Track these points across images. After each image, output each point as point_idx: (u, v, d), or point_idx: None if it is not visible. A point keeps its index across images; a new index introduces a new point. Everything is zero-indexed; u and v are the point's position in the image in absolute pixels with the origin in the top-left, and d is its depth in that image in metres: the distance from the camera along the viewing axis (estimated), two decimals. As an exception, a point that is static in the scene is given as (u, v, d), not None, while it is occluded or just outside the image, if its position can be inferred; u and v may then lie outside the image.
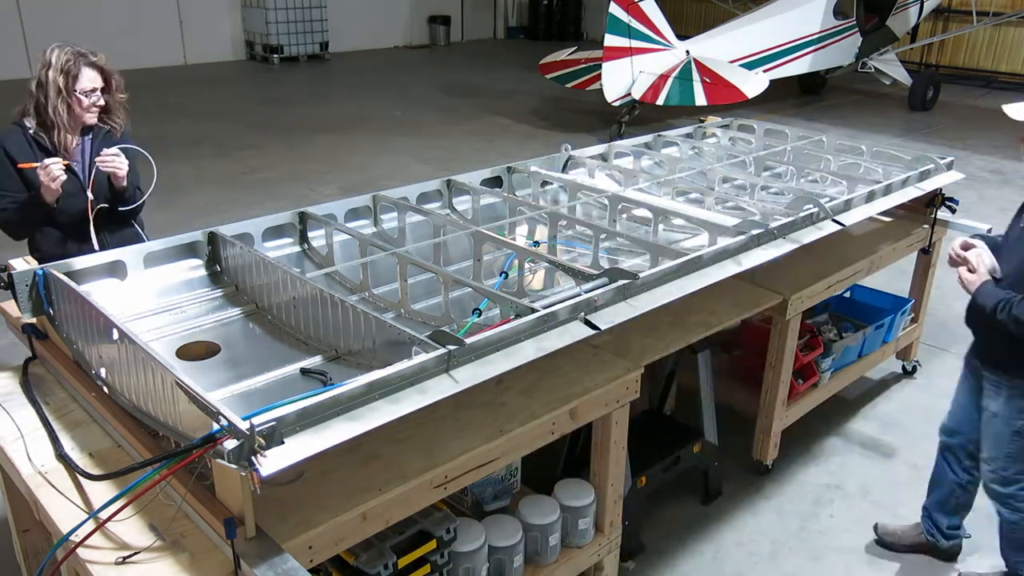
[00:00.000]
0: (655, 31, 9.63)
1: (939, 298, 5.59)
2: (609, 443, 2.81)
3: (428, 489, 2.24)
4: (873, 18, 11.76)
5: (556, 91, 11.93)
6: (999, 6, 14.18)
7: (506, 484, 2.85)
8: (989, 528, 3.32)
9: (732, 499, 3.78)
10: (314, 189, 8.04)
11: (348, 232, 3.13)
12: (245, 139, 9.80)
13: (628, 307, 2.60)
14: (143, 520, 1.97)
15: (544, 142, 9.76)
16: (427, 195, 3.66)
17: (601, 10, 12.35)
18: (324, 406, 1.87)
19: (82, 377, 2.44)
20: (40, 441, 2.26)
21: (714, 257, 2.95)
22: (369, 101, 12.28)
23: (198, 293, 2.86)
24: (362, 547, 2.26)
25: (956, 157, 4.67)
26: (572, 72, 10.81)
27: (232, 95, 12.59)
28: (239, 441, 1.70)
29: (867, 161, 4.48)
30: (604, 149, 4.52)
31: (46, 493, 2.07)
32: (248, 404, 2.14)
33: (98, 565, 1.85)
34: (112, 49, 3.98)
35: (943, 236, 4.56)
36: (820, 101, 13.09)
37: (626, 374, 2.75)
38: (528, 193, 4.01)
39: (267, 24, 14.79)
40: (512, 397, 2.57)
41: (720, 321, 3.28)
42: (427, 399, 2.03)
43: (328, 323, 2.46)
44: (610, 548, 2.99)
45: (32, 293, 2.56)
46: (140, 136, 3.45)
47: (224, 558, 1.87)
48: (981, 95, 13.99)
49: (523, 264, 3.01)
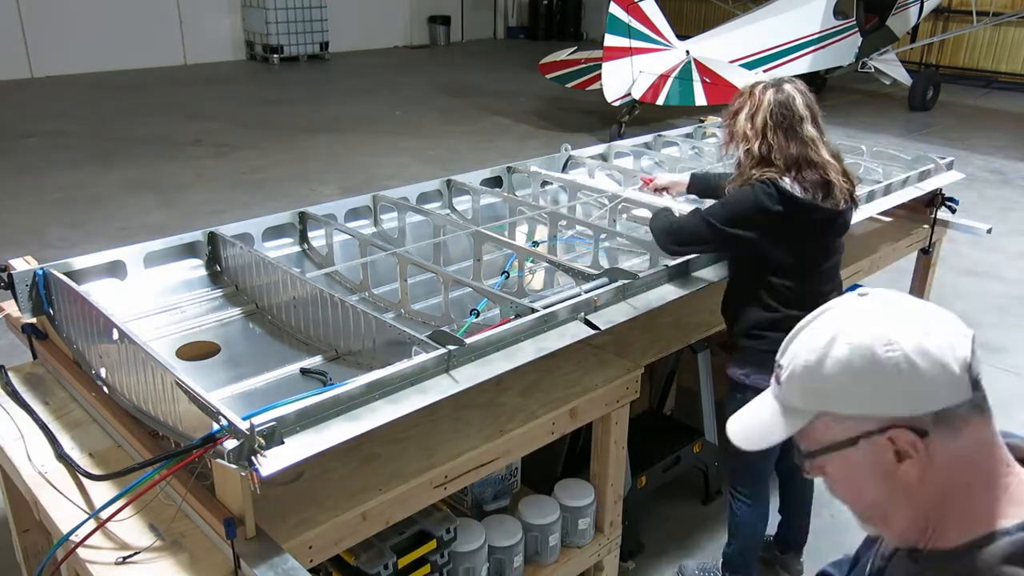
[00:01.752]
0: (655, 31, 9.62)
1: (939, 298, 5.59)
2: (609, 443, 2.81)
3: (428, 489, 2.24)
4: (873, 18, 11.76)
5: (556, 91, 11.93)
6: (999, 6, 14.18)
7: (506, 484, 2.85)
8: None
9: (732, 499, 3.78)
10: (314, 189, 8.03)
11: (348, 232, 3.13)
12: (245, 139, 9.80)
13: (628, 307, 2.60)
14: (143, 520, 1.97)
15: (544, 142, 9.76)
16: (427, 195, 3.66)
17: (601, 10, 12.35)
18: (324, 406, 1.87)
19: (82, 377, 2.44)
20: (40, 441, 2.26)
21: (714, 257, 2.95)
22: (369, 101, 12.28)
23: (198, 293, 2.86)
24: (362, 547, 2.26)
25: (956, 157, 4.67)
26: (572, 72, 10.80)
27: (232, 95, 12.58)
28: (239, 441, 1.70)
29: (867, 161, 4.47)
30: (604, 149, 4.52)
31: (46, 493, 2.06)
32: (248, 404, 2.14)
33: (98, 565, 1.85)
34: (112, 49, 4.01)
35: (943, 236, 4.56)
36: (820, 101, 12.93)
37: (626, 374, 2.75)
38: (528, 193, 4.01)
39: (267, 24, 14.78)
40: (512, 397, 2.57)
41: (720, 321, 3.27)
42: (427, 399, 2.03)
43: (328, 323, 2.46)
44: (610, 548, 2.99)
45: (32, 293, 2.56)
46: (141, 136, 3.45)
47: (224, 558, 1.87)
48: (981, 95, 14.00)
49: (523, 264, 3.01)
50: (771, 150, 2.55)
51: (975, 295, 5.99)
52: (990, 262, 6.61)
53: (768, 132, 2.55)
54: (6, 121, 10.30)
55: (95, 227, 6.86)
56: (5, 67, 12.47)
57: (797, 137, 2.56)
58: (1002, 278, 6.35)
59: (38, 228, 6.79)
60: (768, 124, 2.55)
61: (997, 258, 6.69)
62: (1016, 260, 6.71)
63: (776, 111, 2.56)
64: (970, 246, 6.73)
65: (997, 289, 6.14)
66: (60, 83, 12.70)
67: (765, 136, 2.55)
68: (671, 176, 3.21)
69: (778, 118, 2.56)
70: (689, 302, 2.89)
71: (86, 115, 10.81)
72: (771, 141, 2.55)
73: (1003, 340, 5.28)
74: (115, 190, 7.84)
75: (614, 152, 4.54)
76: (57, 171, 8.35)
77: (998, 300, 5.95)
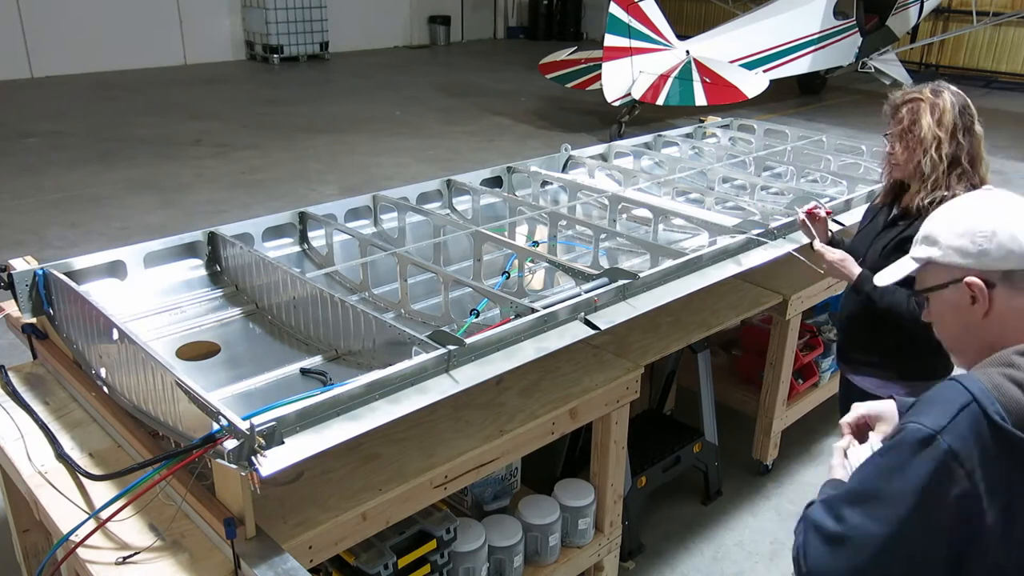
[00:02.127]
0: (655, 31, 9.62)
1: (939, 298, 5.59)
2: (609, 443, 2.81)
3: (428, 489, 2.24)
4: (873, 18, 11.76)
5: (556, 91, 11.93)
6: (999, 6, 14.19)
7: (506, 484, 2.85)
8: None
9: (732, 499, 3.78)
10: (314, 189, 8.03)
11: (348, 232, 3.13)
12: (245, 139, 9.80)
13: (628, 307, 2.60)
14: (143, 520, 1.97)
15: (544, 142, 9.76)
16: (427, 195, 3.66)
17: (601, 10, 12.35)
18: (324, 406, 1.87)
19: (82, 377, 2.44)
20: (40, 441, 2.26)
21: (714, 257, 2.95)
22: (369, 101, 12.28)
23: (198, 293, 2.86)
24: (362, 547, 2.26)
25: (956, 157, 4.66)
26: (572, 72, 10.81)
27: (232, 95, 12.58)
28: (239, 441, 1.70)
29: (867, 161, 4.47)
30: (604, 149, 4.52)
31: (46, 493, 2.06)
32: (248, 404, 2.14)
33: (98, 565, 1.85)
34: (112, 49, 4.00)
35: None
36: (820, 101, 13.09)
37: (626, 374, 2.75)
38: (528, 193, 4.01)
39: (267, 24, 14.78)
40: (512, 397, 2.57)
41: (720, 321, 3.28)
42: (427, 399, 2.03)
43: (328, 323, 2.46)
44: (610, 548, 2.99)
45: (32, 293, 2.56)
46: (141, 136, 3.46)
47: (224, 558, 1.87)
48: (981, 95, 13.99)
49: (523, 264, 3.01)
50: (960, 150, 2.54)
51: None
52: (990, 262, 6.60)
53: (958, 133, 2.54)
54: (6, 121, 10.30)
55: (95, 227, 6.86)
56: (5, 67, 12.47)
57: (976, 136, 2.58)
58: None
59: (38, 228, 6.78)
60: (958, 125, 2.54)
61: (997, 258, 6.68)
62: (1016, 260, 6.70)
63: (961, 111, 2.55)
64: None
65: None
66: (60, 83, 12.70)
67: (955, 136, 2.53)
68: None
69: (967, 119, 2.56)
70: (689, 302, 2.89)
71: (86, 115, 10.81)
72: (962, 140, 2.54)
73: (1003, 340, 5.27)
74: (115, 190, 7.84)
75: (614, 152, 4.54)
76: (57, 171, 8.35)
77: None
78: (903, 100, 2.61)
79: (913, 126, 2.56)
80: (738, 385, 4.10)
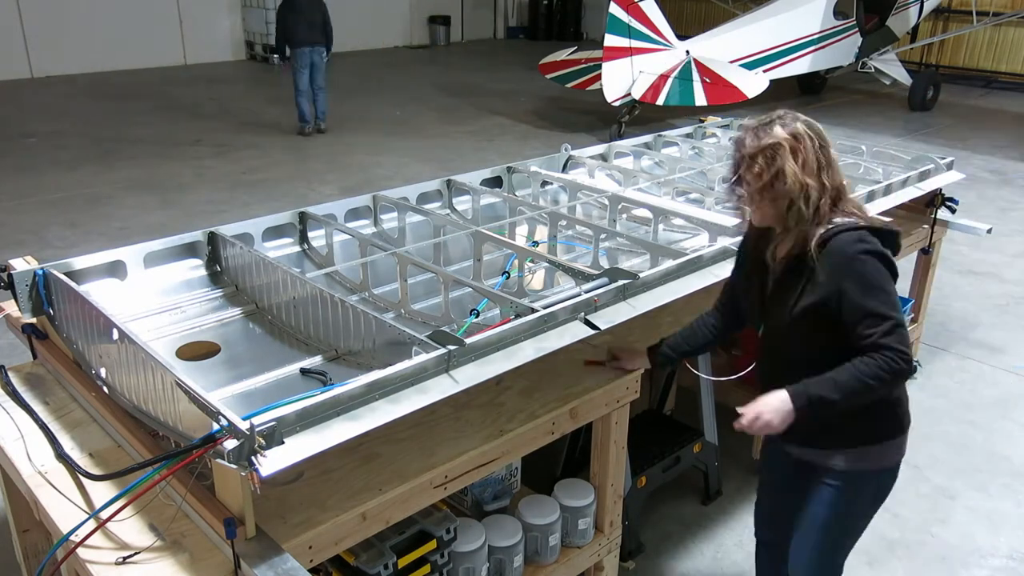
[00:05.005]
0: (655, 31, 9.63)
1: (939, 298, 5.60)
2: (609, 443, 2.81)
3: (428, 489, 2.24)
4: (873, 18, 11.77)
5: (556, 91, 11.93)
6: (999, 6, 14.19)
7: (506, 484, 2.85)
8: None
9: (732, 499, 3.78)
10: (314, 189, 8.04)
11: (348, 232, 3.13)
12: (245, 139, 9.81)
13: (628, 307, 2.60)
14: (143, 520, 1.97)
15: (544, 142, 9.76)
16: (427, 195, 3.66)
17: (601, 10, 12.36)
18: (324, 406, 1.87)
19: (82, 377, 2.44)
20: (40, 441, 2.26)
21: (714, 257, 2.95)
22: (369, 101, 12.29)
23: (198, 293, 2.86)
24: (362, 547, 2.26)
25: (956, 157, 4.67)
26: (572, 72, 10.81)
27: (232, 95, 12.59)
28: (239, 441, 1.70)
29: (867, 161, 4.48)
30: (604, 149, 4.52)
31: (46, 493, 2.06)
32: (248, 404, 2.14)
33: (98, 565, 1.85)
34: (112, 49, 3.98)
35: (943, 236, 4.56)
36: (820, 101, 13.09)
37: (626, 374, 2.75)
38: (528, 193, 4.01)
39: (267, 24, 14.77)
40: (512, 397, 2.57)
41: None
42: (427, 399, 2.03)
43: (328, 323, 2.46)
44: (610, 548, 2.99)
45: (32, 293, 2.56)
46: (141, 136, 3.46)
47: (224, 558, 1.87)
48: (981, 95, 14.00)
49: (523, 264, 3.01)
50: (825, 191, 2.17)
51: (975, 295, 5.99)
52: (990, 262, 6.61)
53: (822, 172, 2.17)
54: (6, 121, 10.31)
55: (95, 227, 6.87)
56: (5, 67, 12.48)
57: (834, 163, 2.22)
58: (1002, 278, 6.35)
59: (38, 228, 6.79)
60: (821, 163, 2.17)
61: (997, 258, 6.70)
62: (1016, 260, 6.71)
63: (818, 143, 2.18)
64: (970, 246, 6.73)
65: (997, 289, 6.14)
66: (60, 83, 12.70)
67: (820, 177, 2.16)
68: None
69: (825, 151, 2.19)
70: (689, 302, 2.89)
71: (86, 115, 10.81)
72: (825, 180, 2.17)
73: (1003, 340, 5.28)
74: (115, 190, 7.84)
75: (614, 152, 4.54)
76: (57, 171, 8.35)
77: (998, 300, 5.95)
78: (758, 148, 2.16)
79: (776, 181, 2.14)
80: (738, 385, 4.09)
